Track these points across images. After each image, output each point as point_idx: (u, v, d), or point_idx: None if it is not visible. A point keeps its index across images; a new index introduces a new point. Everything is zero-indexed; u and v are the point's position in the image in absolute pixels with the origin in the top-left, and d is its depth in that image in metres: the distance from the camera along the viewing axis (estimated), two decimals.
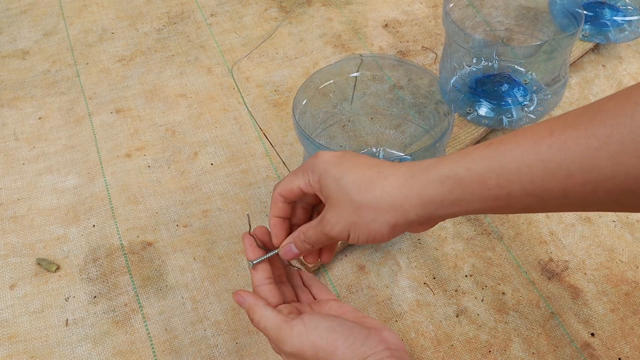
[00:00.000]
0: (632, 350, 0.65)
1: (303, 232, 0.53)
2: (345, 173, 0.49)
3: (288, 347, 0.49)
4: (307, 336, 0.49)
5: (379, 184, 0.48)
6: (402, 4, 1.08)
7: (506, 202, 0.44)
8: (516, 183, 0.43)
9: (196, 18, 1.08)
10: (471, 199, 0.45)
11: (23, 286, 0.73)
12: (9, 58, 1.02)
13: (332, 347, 0.48)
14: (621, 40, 0.94)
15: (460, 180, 0.45)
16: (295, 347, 0.49)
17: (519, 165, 0.42)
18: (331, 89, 0.75)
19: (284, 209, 0.55)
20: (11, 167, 0.86)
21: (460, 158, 0.45)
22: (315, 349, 0.48)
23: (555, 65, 0.80)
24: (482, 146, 0.45)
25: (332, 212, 0.50)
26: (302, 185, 0.53)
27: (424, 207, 0.46)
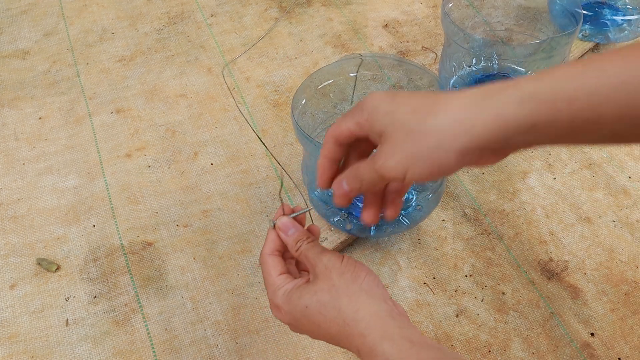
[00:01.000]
0: (631, 350, 0.65)
1: (355, 167, 0.48)
2: (398, 105, 0.44)
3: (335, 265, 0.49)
4: (350, 261, 0.50)
5: (442, 107, 0.42)
6: (402, 4, 1.08)
7: (594, 127, 0.39)
8: (611, 104, 0.38)
9: (196, 18, 1.08)
10: (554, 123, 0.40)
11: (23, 286, 0.73)
12: (9, 58, 1.02)
13: (358, 273, 0.49)
14: (621, 40, 0.94)
15: (543, 101, 0.39)
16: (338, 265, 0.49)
17: (617, 84, 0.38)
18: (331, 89, 0.75)
19: (334, 151, 0.50)
20: (11, 167, 0.86)
21: (543, 76, 0.40)
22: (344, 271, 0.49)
23: (554, 64, 0.80)
24: (570, 64, 0.40)
25: (386, 145, 0.44)
26: (352, 127, 0.47)
27: (499, 130, 0.40)
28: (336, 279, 0.49)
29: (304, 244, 0.52)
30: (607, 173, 0.81)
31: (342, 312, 0.47)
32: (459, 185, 0.81)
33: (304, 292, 0.50)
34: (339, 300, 0.48)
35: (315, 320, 0.49)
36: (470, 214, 0.78)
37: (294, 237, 0.53)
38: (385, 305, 0.48)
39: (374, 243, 0.75)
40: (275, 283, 0.52)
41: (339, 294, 0.48)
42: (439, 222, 0.77)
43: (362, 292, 0.48)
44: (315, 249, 0.52)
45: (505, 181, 0.81)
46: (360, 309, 0.47)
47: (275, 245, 0.54)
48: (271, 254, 0.54)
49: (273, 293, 0.52)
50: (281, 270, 0.53)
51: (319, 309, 0.49)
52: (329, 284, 0.49)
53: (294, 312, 0.50)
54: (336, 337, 0.49)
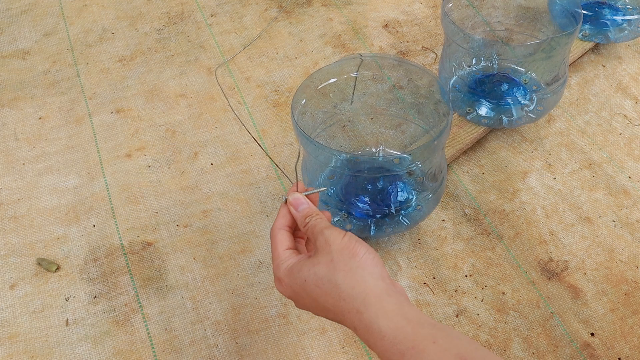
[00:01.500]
0: (632, 350, 0.65)
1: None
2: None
3: (336, 239, 0.50)
4: (352, 237, 0.51)
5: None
6: (402, 4, 1.08)
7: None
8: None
9: (196, 18, 1.08)
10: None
11: (23, 286, 0.73)
12: (9, 58, 1.02)
13: (357, 250, 0.50)
14: (621, 40, 0.94)
15: None
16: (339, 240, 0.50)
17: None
18: (331, 89, 0.75)
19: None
20: (11, 167, 0.86)
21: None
22: (344, 247, 0.50)
23: (554, 64, 0.80)
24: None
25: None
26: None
27: None
28: (335, 254, 0.49)
29: (312, 219, 0.53)
30: (607, 173, 0.81)
31: (339, 286, 0.48)
32: (459, 185, 0.81)
33: (304, 266, 0.50)
34: (335, 275, 0.48)
35: (312, 293, 0.50)
36: (470, 214, 0.78)
37: (303, 212, 0.54)
38: (382, 282, 0.48)
39: (374, 243, 0.75)
40: (280, 256, 0.53)
41: (336, 269, 0.48)
42: (439, 222, 0.77)
43: (360, 269, 0.48)
44: (321, 224, 0.52)
45: (505, 181, 0.81)
46: (356, 285, 0.47)
47: (285, 221, 0.55)
48: (281, 228, 0.55)
49: (277, 266, 0.53)
50: (288, 245, 0.54)
51: (316, 282, 0.49)
52: (328, 258, 0.49)
53: (294, 285, 0.51)
54: (332, 311, 0.49)
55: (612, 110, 0.89)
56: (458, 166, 0.83)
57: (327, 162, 0.71)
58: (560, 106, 0.90)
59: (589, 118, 0.88)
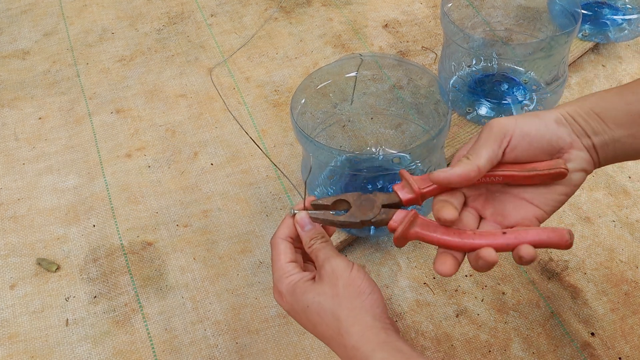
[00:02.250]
0: (632, 350, 0.65)
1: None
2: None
3: (344, 272, 0.51)
4: (360, 273, 0.52)
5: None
6: (402, 4, 1.08)
7: None
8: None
9: (196, 18, 1.08)
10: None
11: (23, 286, 0.73)
12: (9, 58, 1.02)
13: (363, 289, 0.50)
14: (621, 40, 0.94)
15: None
16: (347, 274, 0.51)
17: None
18: (331, 89, 0.75)
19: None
20: (11, 167, 0.86)
21: None
22: (351, 283, 0.50)
23: (554, 63, 0.80)
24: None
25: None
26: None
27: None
28: (341, 288, 0.50)
29: (317, 243, 0.54)
30: (607, 173, 0.81)
31: (340, 321, 0.49)
32: None
33: (309, 290, 0.51)
34: (339, 310, 0.50)
35: (313, 320, 0.51)
36: None
37: (309, 233, 0.54)
38: (381, 323, 0.50)
39: (374, 243, 0.75)
40: (283, 268, 0.53)
41: (340, 305, 0.50)
42: None
43: (363, 310, 0.50)
44: (327, 250, 0.53)
45: None
46: (356, 323, 0.49)
47: (288, 232, 0.56)
48: (284, 238, 0.55)
49: (279, 278, 0.53)
50: (290, 257, 0.54)
51: (318, 311, 0.50)
52: (334, 291, 0.50)
53: (295, 305, 0.52)
54: (328, 340, 0.51)
55: None
56: None
57: (327, 161, 0.71)
58: None
59: None
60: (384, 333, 0.49)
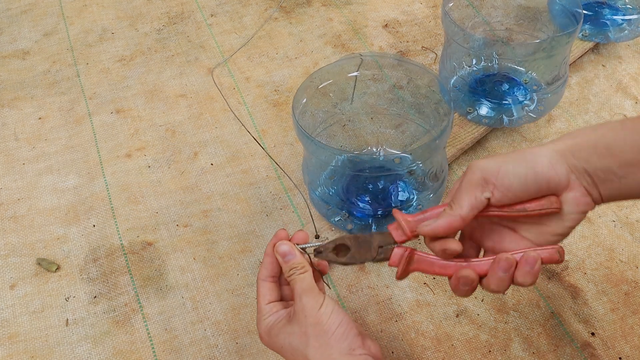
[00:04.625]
0: (632, 350, 0.65)
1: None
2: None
3: (312, 310, 0.52)
4: (327, 309, 0.52)
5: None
6: (402, 4, 1.08)
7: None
8: None
9: (196, 18, 1.08)
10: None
11: (23, 286, 0.73)
12: (9, 58, 1.02)
13: (330, 326, 0.51)
14: (621, 40, 0.94)
15: None
16: (315, 312, 0.52)
17: None
18: (331, 89, 0.75)
19: None
20: (11, 167, 0.86)
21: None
22: (318, 322, 0.51)
23: (554, 63, 0.80)
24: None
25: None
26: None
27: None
28: (309, 327, 0.51)
29: (295, 274, 0.54)
30: None
31: (309, 359, 0.51)
32: None
33: (281, 332, 0.53)
34: (307, 349, 0.51)
35: (289, 359, 0.53)
36: None
37: (289, 264, 0.55)
38: (347, 356, 0.51)
39: None
40: (261, 310, 0.55)
41: (308, 344, 0.51)
42: None
43: (329, 347, 0.51)
44: (302, 284, 0.53)
45: None
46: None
47: (269, 272, 0.56)
48: (264, 279, 0.56)
49: (258, 320, 0.55)
50: (270, 298, 0.56)
51: (290, 352, 0.52)
52: (302, 330, 0.52)
53: (273, 346, 0.54)
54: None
55: (612, 110, 0.89)
56: (458, 166, 0.83)
57: (328, 161, 0.71)
58: (560, 106, 0.89)
59: (589, 118, 0.88)
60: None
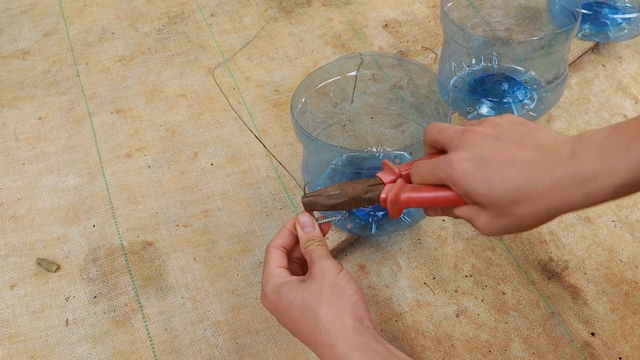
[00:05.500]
0: (632, 350, 0.65)
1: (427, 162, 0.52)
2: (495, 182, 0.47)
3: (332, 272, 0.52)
4: (346, 275, 0.52)
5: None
6: (402, 4, 1.08)
7: None
8: None
9: (196, 18, 1.08)
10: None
11: (23, 286, 0.73)
12: (9, 58, 1.02)
13: (345, 289, 0.51)
14: (621, 39, 0.94)
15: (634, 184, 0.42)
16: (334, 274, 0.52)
17: None
18: (331, 89, 0.75)
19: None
20: (11, 167, 0.86)
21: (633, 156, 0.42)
22: (336, 283, 0.51)
23: (553, 61, 0.80)
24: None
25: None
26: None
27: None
28: (325, 287, 0.51)
29: (313, 245, 0.55)
30: None
31: (319, 318, 0.50)
32: None
33: (293, 288, 0.52)
34: (319, 307, 0.50)
35: (294, 317, 0.52)
36: None
37: (308, 235, 0.56)
38: (361, 324, 0.50)
39: (375, 243, 0.75)
40: (270, 272, 0.55)
41: (321, 301, 0.51)
42: (439, 222, 0.77)
43: (343, 307, 0.50)
44: (320, 252, 0.54)
45: None
46: (335, 321, 0.50)
47: (282, 241, 0.57)
48: (277, 247, 0.57)
49: (265, 281, 0.55)
50: (280, 263, 0.56)
51: (300, 308, 0.51)
52: (318, 288, 0.51)
53: (279, 303, 0.53)
54: (308, 339, 0.52)
55: (612, 110, 0.89)
56: None
57: (328, 160, 0.71)
58: (560, 106, 0.89)
59: (589, 118, 0.88)
60: (361, 334, 0.50)
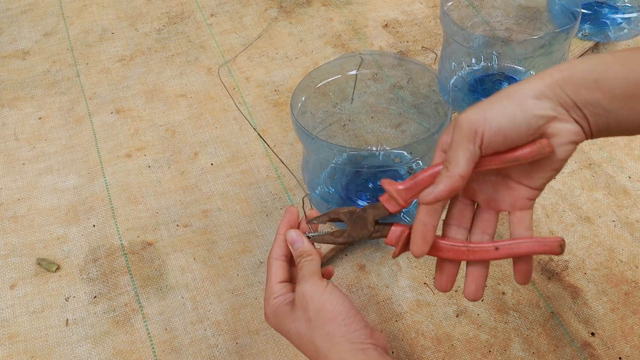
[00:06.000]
0: (632, 350, 0.65)
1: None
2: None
3: (314, 296, 0.51)
4: (332, 295, 0.51)
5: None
6: (402, 4, 1.08)
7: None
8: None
9: (196, 18, 1.08)
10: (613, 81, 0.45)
11: (23, 286, 0.73)
12: (9, 58, 1.02)
13: (335, 315, 0.51)
14: (621, 39, 0.94)
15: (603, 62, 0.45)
16: (317, 298, 0.51)
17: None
18: (331, 88, 0.75)
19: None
20: (11, 167, 0.86)
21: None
22: (321, 308, 0.51)
23: (553, 61, 0.80)
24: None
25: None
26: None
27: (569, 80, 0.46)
28: (312, 314, 0.51)
29: (302, 260, 0.55)
30: (607, 173, 0.81)
31: (316, 346, 0.51)
32: None
33: (287, 316, 0.53)
34: (314, 336, 0.51)
35: (295, 343, 0.53)
36: None
37: (297, 251, 0.55)
38: (358, 345, 0.50)
39: (375, 243, 0.75)
40: (270, 289, 0.55)
41: (314, 331, 0.51)
42: (440, 222, 0.77)
43: (337, 335, 0.50)
44: (304, 271, 0.53)
45: None
46: (332, 349, 0.50)
47: (282, 250, 0.56)
48: (277, 258, 0.56)
49: (266, 299, 0.55)
50: (281, 277, 0.55)
51: (297, 337, 0.52)
52: (306, 316, 0.51)
53: (278, 327, 0.54)
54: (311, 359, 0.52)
55: None
56: None
57: (328, 159, 0.71)
58: None
59: None
60: (362, 354, 0.50)
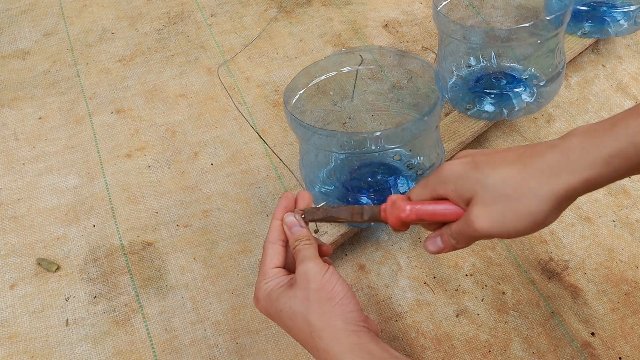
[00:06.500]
0: (632, 350, 0.65)
1: (449, 227, 0.51)
2: (487, 174, 0.47)
3: (316, 275, 0.51)
4: (332, 277, 0.52)
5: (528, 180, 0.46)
6: (402, 4, 1.08)
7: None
8: None
9: (196, 18, 1.08)
10: (631, 170, 0.44)
11: (23, 286, 0.73)
12: (9, 58, 1.02)
13: (334, 295, 0.51)
14: (620, 34, 0.93)
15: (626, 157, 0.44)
16: (319, 277, 0.51)
17: None
18: (331, 87, 0.75)
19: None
20: (11, 167, 0.86)
21: (619, 131, 0.44)
22: (322, 288, 0.51)
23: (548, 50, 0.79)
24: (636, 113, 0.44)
25: (476, 206, 0.48)
26: (430, 196, 0.52)
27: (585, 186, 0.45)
28: (312, 292, 0.51)
29: (300, 244, 0.54)
30: None
31: (311, 325, 0.50)
32: None
33: (282, 295, 0.52)
34: (309, 314, 0.50)
35: (286, 323, 0.52)
36: None
37: (295, 235, 0.55)
38: (353, 326, 0.50)
39: (375, 242, 0.75)
40: (264, 273, 0.54)
41: (310, 309, 0.51)
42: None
43: (333, 314, 0.50)
44: (306, 253, 0.53)
45: None
46: (327, 327, 0.50)
47: (278, 235, 0.56)
48: (274, 242, 0.56)
49: (258, 283, 0.54)
50: (276, 262, 0.55)
51: (290, 316, 0.51)
52: (304, 294, 0.51)
53: (270, 310, 0.53)
54: (303, 343, 0.52)
55: (612, 110, 0.89)
56: None
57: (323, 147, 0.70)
58: (560, 106, 0.89)
59: (589, 118, 0.88)
60: (355, 336, 0.50)
